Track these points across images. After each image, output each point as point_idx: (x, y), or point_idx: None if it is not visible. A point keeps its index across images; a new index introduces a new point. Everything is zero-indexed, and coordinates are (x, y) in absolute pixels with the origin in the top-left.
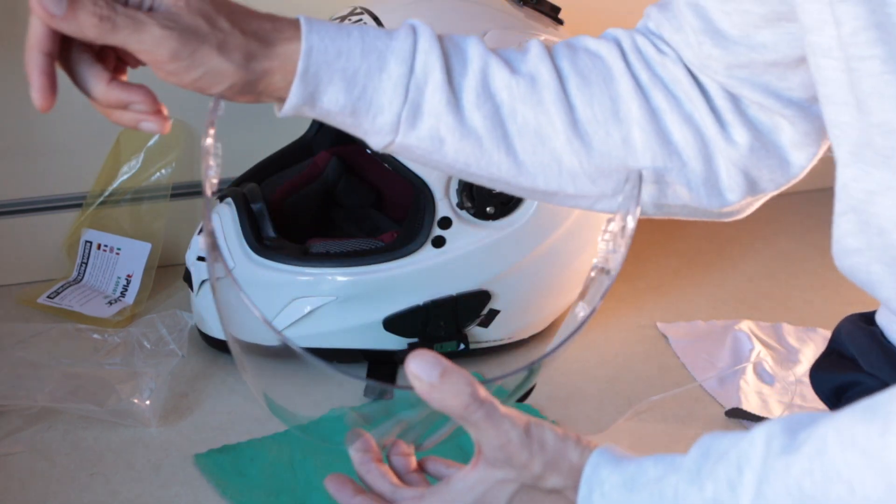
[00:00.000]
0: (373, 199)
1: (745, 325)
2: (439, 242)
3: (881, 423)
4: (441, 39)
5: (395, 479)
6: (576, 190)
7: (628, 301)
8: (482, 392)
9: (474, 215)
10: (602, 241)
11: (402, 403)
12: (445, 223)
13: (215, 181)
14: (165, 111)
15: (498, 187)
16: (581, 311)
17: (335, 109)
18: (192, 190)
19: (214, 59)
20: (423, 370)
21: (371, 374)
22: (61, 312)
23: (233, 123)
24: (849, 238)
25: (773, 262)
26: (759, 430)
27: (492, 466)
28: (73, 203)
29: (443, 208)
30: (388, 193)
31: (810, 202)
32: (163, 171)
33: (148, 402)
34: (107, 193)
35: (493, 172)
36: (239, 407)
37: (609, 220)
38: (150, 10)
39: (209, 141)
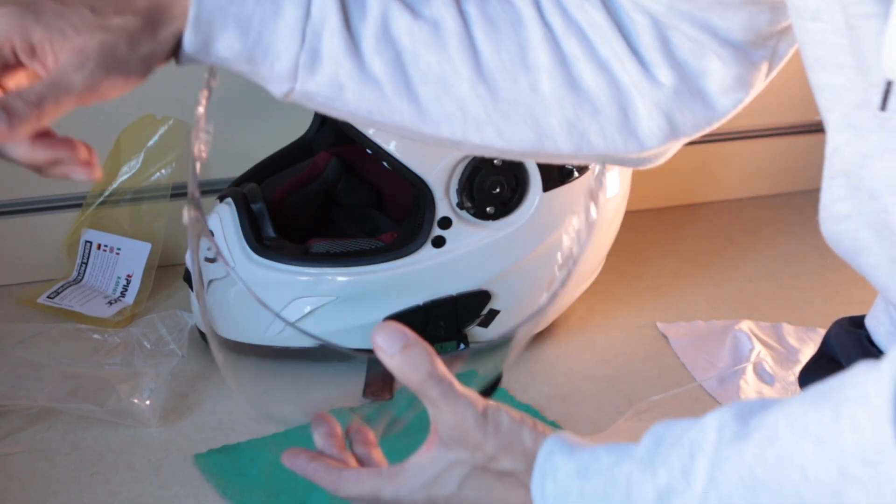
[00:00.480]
0: (373, 199)
1: (745, 325)
2: (439, 242)
3: (832, 409)
4: None
5: (354, 464)
6: (482, 140)
7: (628, 301)
8: (441, 369)
9: (474, 215)
10: (566, 236)
11: (401, 405)
12: (445, 223)
13: (204, 147)
14: (94, 159)
15: (402, 135)
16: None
17: (230, 56)
18: None
19: (134, 56)
20: (387, 342)
21: (371, 375)
22: (61, 312)
23: (233, 123)
24: (838, 203)
25: (773, 262)
26: (710, 417)
27: (445, 447)
28: (73, 203)
29: (443, 208)
30: (388, 193)
31: (810, 202)
32: (163, 171)
33: (148, 402)
34: (107, 193)
35: (396, 120)
36: (239, 407)
37: (574, 217)
38: (56, 59)
39: (201, 110)
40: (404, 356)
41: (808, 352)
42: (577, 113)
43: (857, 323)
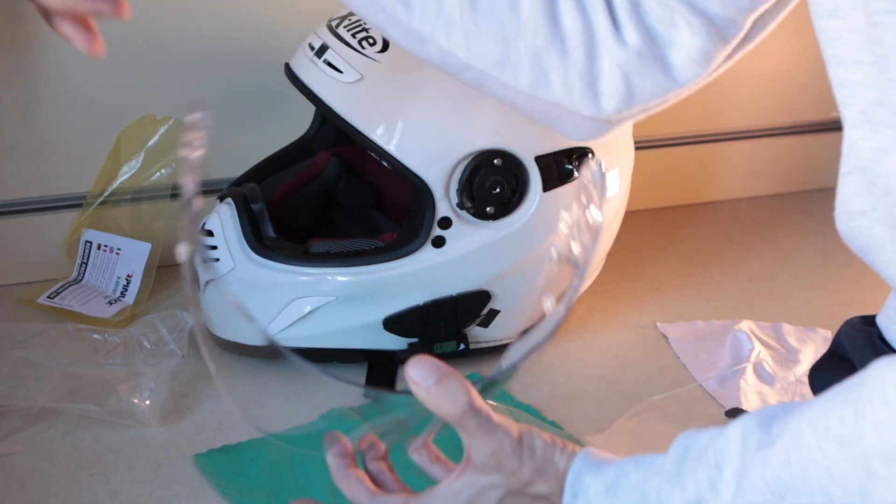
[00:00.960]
0: (373, 199)
1: (745, 325)
2: (439, 242)
3: (853, 409)
4: None
5: (371, 485)
6: (447, 43)
7: (628, 301)
8: (478, 401)
9: (474, 215)
10: (563, 225)
11: (401, 403)
12: (445, 223)
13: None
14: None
15: (375, 18)
16: (549, 303)
17: None
18: None
19: None
20: (421, 376)
21: (371, 375)
22: (61, 312)
23: (233, 123)
24: (853, 199)
25: (773, 262)
26: (734, 427)
27: (479, 472)
28: (73, 203)
29: (443, 208)
30: (388, 193)
31: (810, 202)
32: (163, 171)
33: (148, 402)
34: (107, 193)
35: None
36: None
37: (567, 210)
38: None
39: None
40: (441, 389)
41: (808, 352)
42: (547, 47)
43: (869, 321)
